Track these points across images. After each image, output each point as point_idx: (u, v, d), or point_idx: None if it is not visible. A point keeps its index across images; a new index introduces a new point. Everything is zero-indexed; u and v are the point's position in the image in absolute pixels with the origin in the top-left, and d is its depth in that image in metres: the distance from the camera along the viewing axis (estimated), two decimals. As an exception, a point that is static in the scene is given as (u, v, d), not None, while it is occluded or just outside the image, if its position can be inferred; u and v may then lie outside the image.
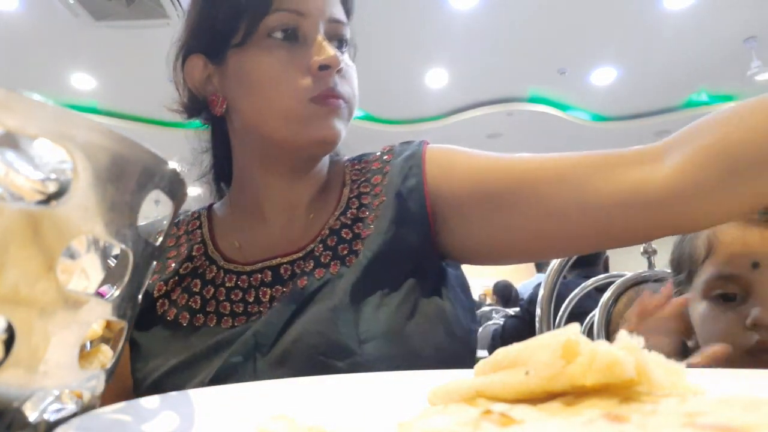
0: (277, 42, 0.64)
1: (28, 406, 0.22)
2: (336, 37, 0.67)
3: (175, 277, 0.69)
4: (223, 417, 0.31)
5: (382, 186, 0.69)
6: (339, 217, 0.68)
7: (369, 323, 0.59)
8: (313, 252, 0.66)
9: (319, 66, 0.62)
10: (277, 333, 0.60)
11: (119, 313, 0.26)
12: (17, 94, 0.19)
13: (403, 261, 0.64)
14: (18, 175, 0.23)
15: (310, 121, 0.63)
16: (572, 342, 0.22)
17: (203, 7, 0.70)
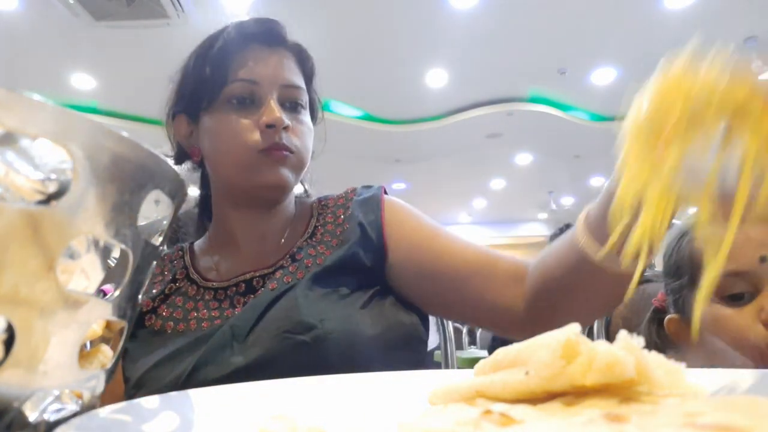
0: (234, 106, 0.77)
1: (28, 406, 0.22)
2: (289, 100, 0.80)
3: (161, 295, 0.80)
4: (223, 417, 0.31)
5: (345, 217, 0.83)
6: (306, 240, 0.82)
7: (328, 308, 0.70)
8: (282, 265, 0.78)
9: (265, 125, 0.75)
10: (251, 324, 0.70)
11: (119, 313, 0.26)
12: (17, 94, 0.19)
13: (359, 273, 0.76)
14: (18, 175, 0.23)
15: (258, 170, 0.76)
16: (572, 342, 0.22)
17: (184, 76, 0.85)
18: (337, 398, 0.35)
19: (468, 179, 7.93)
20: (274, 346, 0.67)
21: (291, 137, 0.77)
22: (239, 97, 0.77)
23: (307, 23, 4.04)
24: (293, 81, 0.80)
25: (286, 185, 0.78)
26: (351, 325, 0.69)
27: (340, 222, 0.83)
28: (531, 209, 10.10)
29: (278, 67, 0.80)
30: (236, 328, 0.70)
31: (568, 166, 7.59)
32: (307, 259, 0.78)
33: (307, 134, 0.81)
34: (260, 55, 0.80)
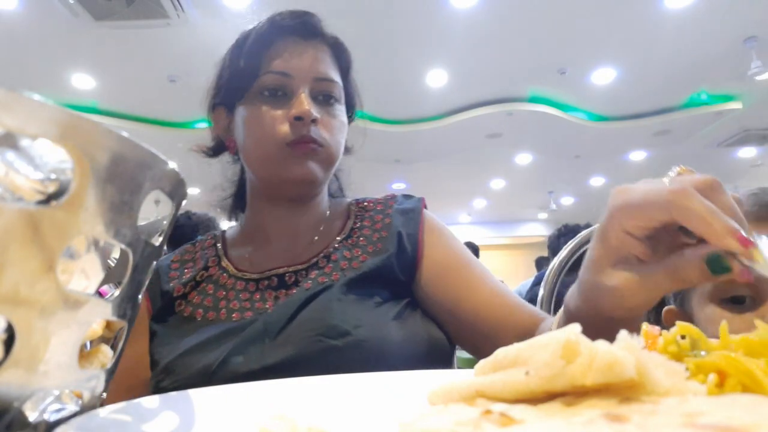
0: (266, 98, 0.77)
1: (28, 405, 0.22)
2: (322, 93, 0.79)
3: (192, 282, 0.80)
4: (223, 417, 0.31)
5: (384, 224, 0.83)
6: (342, 241, 0.82)
7: (362, 315, 0.70)
8: (317, 264, 0.78)
9: (294, 117, 0.74)
10: (284, 322, 0.70)
11: (119, 313, 0.26)
12: (17, 94, 0.19)
13: (392, 283, 0.76)
14: (18, 175, 0.23)
15: (285, 163, 0.76)
16: (572, 342, 0.22)
17: (221, 68, 0.86)
18: (337, 398, 0.35)
19: (468, 179, 7.93)
20: (305, 348, 0.67)
21: (320, 131, 0.76)
22: (271, 89, 0.77)
23: (307, 23, 4.04)
24: (327, 74, 0.80)
25: (314, 180, 0.77)
26: (384, 334, 0.68)
27: (378, 228, 0.83)
28: (531, 209, 10.11)
29: (312, 60, 0.79)
30: (269, 324, 0.70)
31: (568, 166, 7.59)
32: (342, 261, 0.78)
33: (338, 128, 0.80)
34: (294, 48, 0.79)
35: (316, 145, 0.76)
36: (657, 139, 6.56)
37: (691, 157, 7.18)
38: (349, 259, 0.79)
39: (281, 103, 0.77)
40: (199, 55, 4.56)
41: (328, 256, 0.79)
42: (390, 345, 0.68)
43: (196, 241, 0.90)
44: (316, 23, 0.82)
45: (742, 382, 0.25)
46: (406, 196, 0.89)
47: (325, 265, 0.78)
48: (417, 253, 0.79)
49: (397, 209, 0.85)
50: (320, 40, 0.82)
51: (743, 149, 7.08)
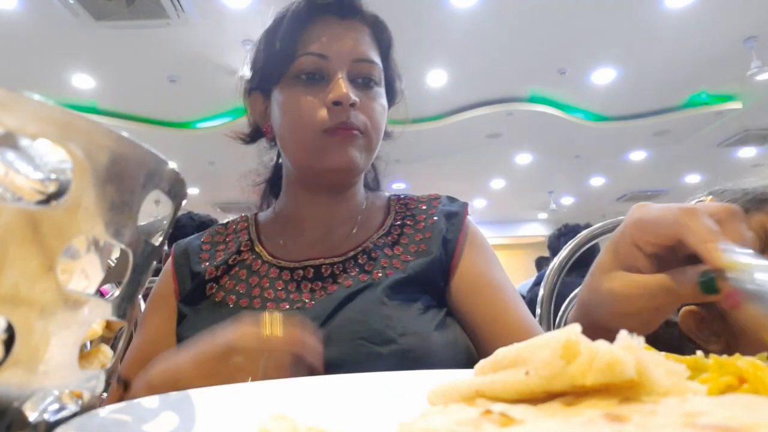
0: (302, 82, 0.74)
1: (28, 405, 0.22)
2: (362, 76, 0.75)
3: (224, 265, 0.78)
4: (223, 417, 0.31)
5: (428, 224, 0.80)
6: (382, 237, 0.79)
7: (407, 322, 0.68)
8: (356, 258, 0.76)
9: (332, 102, 0.71)
10: (323, 319, 0.68)
11: (119, 313, 0.26)
12: (17, 94, 0.19)
13: (434, 289, 0.75)
14: (18, 174, 0.23)
15: (324, 151, 0.73)
16: (572, 342, 0.22)
17: (256, 52, 0.81)
18: (337, 398, 0.35)
19: (468, 179, 7.93)
20: (346, 350, 0.65)
21: (360, 115, 0.73)
22: (308, 73, 0.74)
23: (307, 23, 4.04)
24: (366, 55, 0.76)
25: (354, 167, 0.74)
26: (428, 344, 0.67)
27: (421, 228, 0.80)
28: (531, 209, 10.11)
29: (350, 41, 0.75)
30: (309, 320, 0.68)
31: (568, 166, 7.59)
32: (383, 259, 0.75)
33: (378, 112, 0.76)
34: (331, 28, 0.75)
35: (356, 131, 0.72)
36: (657, 139, 6.56)
37: (691, 157, 7.18)
38: (390, 257, 0.76)
39: (318, 86, 0.73)
40: (199, 55, 4.56)
41: (367, 252, 0.76)
42: (432, 356, 0.66)
43: (228, 223, 0.87)
44: (354, 1, 0.78)
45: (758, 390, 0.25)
46: (451, 198, 0.86)
47: (366, 262, 0.75)
48: (452, 260, 0.76)
49: (441, 210, 0.82)
50: (359, 19, 0.78)
51: (743, 149, 7.08)
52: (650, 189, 8.60)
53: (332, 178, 0.76)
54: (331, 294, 0.71)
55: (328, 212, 0.80)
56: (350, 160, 0.73)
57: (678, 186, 8.40)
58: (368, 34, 0.78)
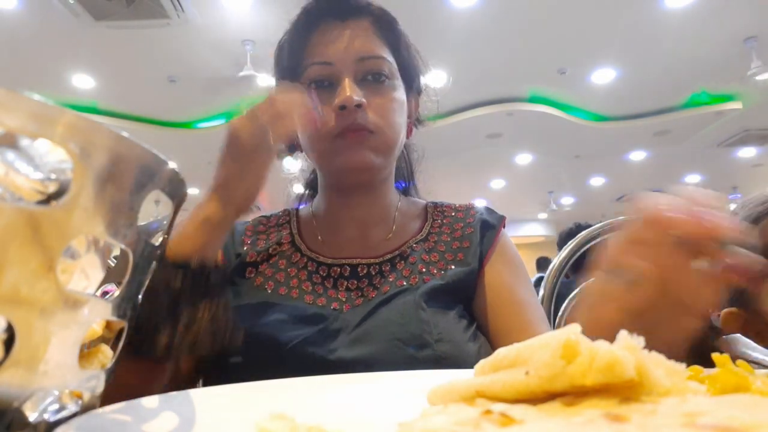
0: (313, 90, 0.74)
1: (28, 405, 0.22)
2: (371, 73, 0.75)
3: (265, 252, 0.80)
4: (223, 417, 0.31)
5: (465, 233, 0.81)
6: (419, 242, 0.80)
7: (445, 329, 0.69)
8: (392, 262, 0.77)
9: (338, 107, 0.72)
10: (360, 318, 0.70)
11: (119, 313, 0.26)
12: (17, 94, 0.19)
13: (466, 298, 0.76)
14: (18, 175, 0.23)
15: (337, 155, 0.74)
16: (572, 342, 0.22)
17: (275, 66, 0.84)
18: (337, 398, 0.35)
19: (468, 179, 7.93)
20: (382, 349, 0.66)
21: (368, 115, 0.73)
22: (317, 81, 0.75)
23: (307, 23, 4.04)
24: (370, 51, 0.75)
25: (368, 166, 0.74)
26: (461, 353, 0.67)
27: (458, 236, 0.81)
28: (531, 209, 10.11)
29: (351, 41, 0.75)
30: (345, 321, 0.69)
31: (568, 166, 7.59)
32: (420, 264, 0.77)
33: (390, 109, 0.75)
34: (333, 32, 0.75)
35: (366, 131, 0.72)
36: (657, 139, 6.56)
37: (691, 157, 7.18)
38: (427, 263, 0.77)
39: (328, 93, 0.74)
40: (199, 55, 4.56)
41: (404, 257, 0.78)
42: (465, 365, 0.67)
43: (271, 216, 0.89)
44: (352, 1, 0.78)
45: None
46: (489, 209, 0.87)
47: (403, 267, 0.76)
48: (480, 271, 0.77)
49: (479, 220, 0.83)
50: (360, 17, 0.77)
51: (743, 149, 7.08)
52: (650, 189, 8.59)
53: (349, 178, 0.77)
54: (369, 300, 0.73)
55: (360, 212, 0.81)
56: (363, 159, 0.73)
57: (678, 186, 8.39)
58: (371, 29, 0.77)
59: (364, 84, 0.74)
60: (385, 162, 0.77)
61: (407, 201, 0.89)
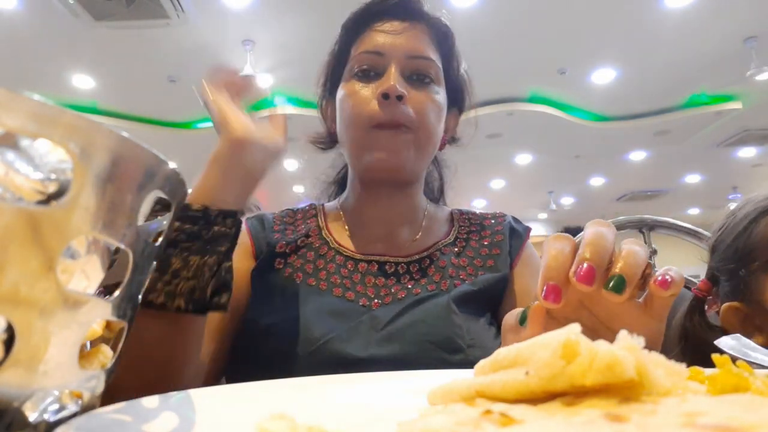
0: (358, 78, 0.76)
1: (28, 406, 0.22)
2: (416, 72, 0.76)
3: (293, 244, 0.79)
4: (223, 417, 0.31)
5: (495, 241, 0.82)
6: (448, 246, 0.81)
7: (474, 334, 0.69)
8: (420, 263, 0.77)
9: (381, 94, 0.72)
10: (391, 317, 0.69)
11: (119, 313, 0.26)
12: (17, 94, 0.19)
13: (495, 305, 0.77)
14: (18, 175, 0.23)
15: (371, 146, 0.74)
16: (572, 342, 0.22)
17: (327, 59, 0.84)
18: (337, 398, 0.35)
19: (468, 179, 7.93)
20: (413, 349, 0.66)
21: (408, 110, 0.73)
22: (363, 69, 0.76)
23: (306, 23, 4.04)
24: (421, 51, 0.76)
25: (400, 163, 0.74)
26: None
27: (487, 243, 0.82)
28: (531, 209, 10.10)
29: (405, 38, 0.76)
30: (376, 320, 0.69)
31: (568, 166, 7.59)
32: (450, 269, 0.77)
33: (431, 109, 0.75)
34: (389, 28, 0.77)
35: (403, 126, 0.73)
36: (657, 139, 6.56)
37: (691, 157, 7.18)
38: (456, 267, 0.77)
39: (372, 82, 0.75)
40: (199, 55, 4.55)
41: (433, 260, 0.78)
42: None
43: (297, 210, 0.89)
44: (416, 5, 0.79)
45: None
46: (516, 219, 0.88)
47: (434, 272, 0.76)
48: (509, 277, 0.78)
49: (508, 228, 0.84)
50: (420, 21, 0.79)
51: (743, 149, 7.08)
52: (650, 189, 8.59)
53: (382, 175, 0.77)
54: (399, 300, 0.73)
55: (389, 211, 0.81)
56: (395, 155, 0.73)
57: (678, 186, 8.40)
58: (427, 33, 0.79)
59: (408, 82, 0.75)
60: (417, 163, 0.77)
61: (435, 206, 0.90)
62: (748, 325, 0.71)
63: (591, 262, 0.40)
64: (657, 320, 0.44)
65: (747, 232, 0.72)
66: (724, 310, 0.73)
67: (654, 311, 0.43)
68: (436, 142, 0.79)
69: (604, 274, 0.41)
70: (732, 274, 0.73)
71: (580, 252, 0.41)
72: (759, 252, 0.70)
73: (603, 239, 0.42)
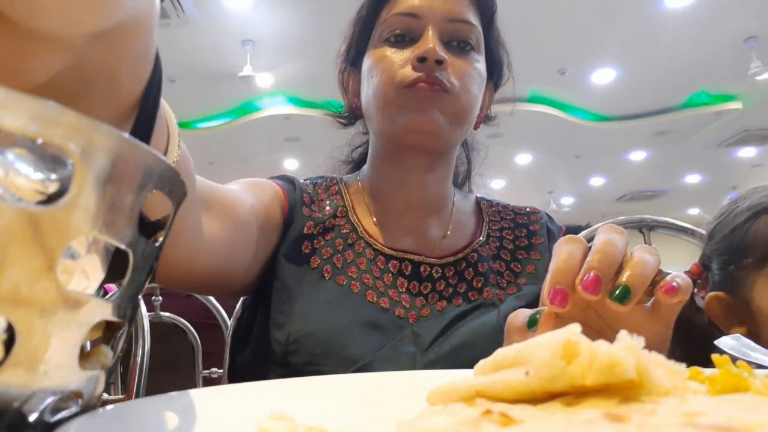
0: (390, 43, 0.69)
1: (28, 406, 0.22)
2: (456, 37, 0.69)
3: (321, 225, 0.72)
4: (223, 417, 0.31)
5: (533, 243, 0.76)
6: (483, 246, 0.74)
7: None
8: (458, 267, 0.71)
9: (417, 58, 0.64)
10: (435, 335, 0.64)
11: (119, 313, 0.26)
12: (17, 94, 0.19)
13: None
14: (18, 175, 0.23)
15: (403, 109, 0.66)
16: (572, 342, 0.22)
17: (351, 27, 0.77)
18: (337, 398, 0.35)
19: (468, 179, 7.91)
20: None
21: (448, 74, 0.66)
22: (396, 34, 0.68)
23: (305, 22, 4.04)
24: (461, 14, 0.69)
25: (429, 129, 0.66)
26: None
27: (524, 245, 0.76)
28: (531, 209, 10.10)
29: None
30: (418, 336, 0.64)
31: (568, 166, 7.59)
32: (491, 275, 0.71)
33: (472, 76, 0.68)
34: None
35: (440, 88, 0.65)
36: (657, 139, 6.56)
37: (691, 157, 7.18)
38: (496, 274, 0.72)
39: (407, 47, 0.68)
40: (199, 55, 4.56)
41: (470, 262, 0.72)
42: None
43: (317, 182, 0.80)
44: None
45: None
46: (549, 216, 0.83)
47: (472, 277, 0.71)
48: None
49: (545, 228, 0.78)
50: None
51: (743, 149, 7.09)
52: (650, 189, 8.60)
53: (413, 140, 0.68)
54: (440, 312, 0.67)
55: (418, 193, 0.74)
56: (427, 119, 0.65)
57: (678, 186, 8.40)
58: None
59: (447, 48, 0.68)
60: (453, 131, 0.69)
61: (461, 194, 0.83)
62: (731, 317, 0.71)
63: (598, 271, 0.40)
64: (663, 325, 0.44)
65: (745, 227, 0.71)
66: (709, 298, 0.73)
67: (661, 316, 0.43)
68: (475, 115, 0.72)
69: (612, 281, 0.41)
70: (724, 264, 0.72)
71: (588, 259, 0.41)
72: (753, 249, 0.69)
73: (613, 247, 0.41)
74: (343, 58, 0.80)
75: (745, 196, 0.76)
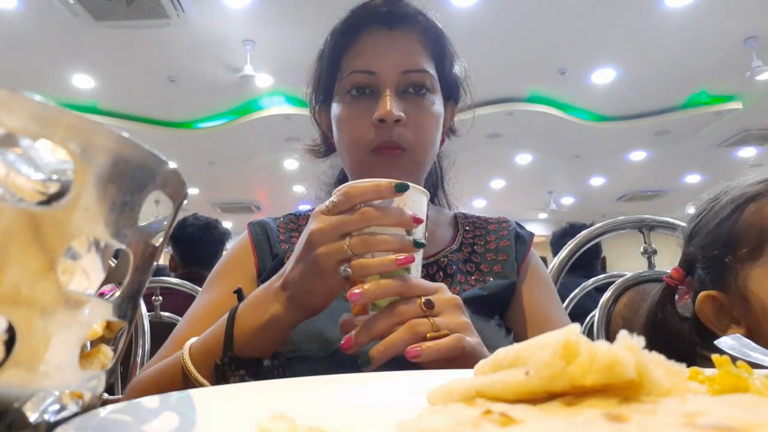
0: (353, 97, 0.76)
1: (28, 406, 0.22)
2: (413, 85, 0.75)
3: None
4: (223, 417, 0.31)
5: (500, 246, 0.83)
6: (454, 253, 0.81)
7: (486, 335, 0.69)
8: (428, 270, 0.78)
9: (377, 120, 0.72)
10: None
11: (120, 313, 0.26)
12: (17, 94, 0.19)
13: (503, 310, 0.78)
14: (19, 175, 0.23)
15: (372, 171, 0.73)
16: (572, 342, 0.22)
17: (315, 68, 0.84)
18: (337, 398, 0.35)
19: (468, 179, 7.91)
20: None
21: (405, 132, 0.73)
22: (358, 88, 0.75)
23: (307, 24, 4.03)
24: (415, 65, 0.75)
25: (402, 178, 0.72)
26: None
27: (493, 248, 0.83)
28: (531, 209, 10.10)
29: (398, 53, 0.75)
30: None
31: (568, 166, 7.59)
32: (459, 275, 0.78)
33: (426, 126, 0.76)
34: (378, 41, 0.76)
35: (399, 149, 0.73)
36: (657, 139, 6.56)
37: (691, 157, 7.18)
38: (464, 273, 0.79)
39: (368, 102, 0.75)
40: (199, 55, 4.56)
41: (441, 267, 0.79)
42: None
43: (300, 214, 0.89)
44: (403, 9, 0.77)
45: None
46: (519, 224, 0.89)
47: (442, 279, 0.77)
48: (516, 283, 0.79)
49: (513, 233, 0.85)
50: (408, 27, 0.77)
51: (743, 149, 7.09)
52: (650, 189, 8.60)
53: None
54: None
55: None
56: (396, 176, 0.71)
57: (678, 186, 8.40)
58: (418, 41, 0.77)
59: (404, 96, 0.75)
60: (419, 173, 0.77)
61: (435, 210, 0.90)
62: (724, 316, 0.68)
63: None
64: None
65: (732, 218, 0.69)
66: (700, 298, 0.70)
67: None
68: (434, 153, 0.80)
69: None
70: (713, 261, 0.70)
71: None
72: (746, 239, 0.66)
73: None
74: (313, 95, 0.86)
75: (724, 192, 0.75)
